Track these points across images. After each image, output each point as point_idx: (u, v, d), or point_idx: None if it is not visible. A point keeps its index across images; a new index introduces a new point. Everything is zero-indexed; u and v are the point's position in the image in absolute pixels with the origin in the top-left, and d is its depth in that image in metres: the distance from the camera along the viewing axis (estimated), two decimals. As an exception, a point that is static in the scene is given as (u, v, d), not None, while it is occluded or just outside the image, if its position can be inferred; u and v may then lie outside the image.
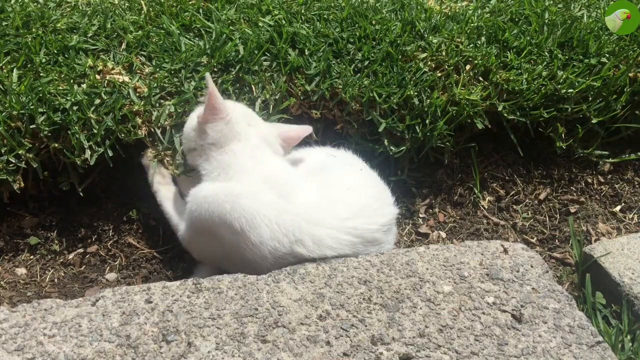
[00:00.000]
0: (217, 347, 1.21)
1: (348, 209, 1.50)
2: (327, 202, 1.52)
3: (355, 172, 1.66)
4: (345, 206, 1.51)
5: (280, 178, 1.55)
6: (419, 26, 2.06)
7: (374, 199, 1.58)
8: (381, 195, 1.62)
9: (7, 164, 1.59)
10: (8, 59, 1.76)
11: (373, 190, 1.62)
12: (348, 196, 1.55)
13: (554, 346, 1.26)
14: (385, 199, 1.62)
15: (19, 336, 1.20)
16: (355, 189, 1.58)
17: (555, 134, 2.00)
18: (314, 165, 1.68)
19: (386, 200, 1.62)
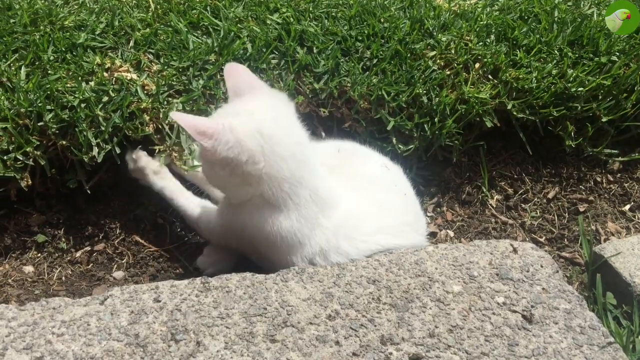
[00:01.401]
0: (226, 347, 1.20)
1: (380, 228, 1.53)
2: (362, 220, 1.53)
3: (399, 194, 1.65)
4: (378, 225, 1.53)
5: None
6: (428, 24, 2.05)
7: (409, 226, 1.59)
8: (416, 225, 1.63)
9: (15, 161, 1.58)
10: (16, 57, 1.75)
11: (408, 217, 1.61)
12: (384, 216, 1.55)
13: (565, 347, 1.26)
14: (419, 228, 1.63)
15: (27, 335, 1.20)
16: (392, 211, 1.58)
17: (565, 132, 1.99)
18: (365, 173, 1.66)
19: (420, 230, 1.63)
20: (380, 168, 1.67)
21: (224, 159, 1.36)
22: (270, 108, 1.45)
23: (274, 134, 1.39)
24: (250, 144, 1.37)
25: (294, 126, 1.48)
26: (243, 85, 1.48)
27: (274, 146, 1.39)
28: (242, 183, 1.42)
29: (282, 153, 1.40)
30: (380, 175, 1.66)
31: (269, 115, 1.43)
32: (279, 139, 1.40)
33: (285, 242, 1.45)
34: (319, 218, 1.46)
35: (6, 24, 1.86)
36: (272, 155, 1.39)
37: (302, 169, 1.44)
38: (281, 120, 1.45)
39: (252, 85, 1.49)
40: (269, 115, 1.43)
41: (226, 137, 1.34)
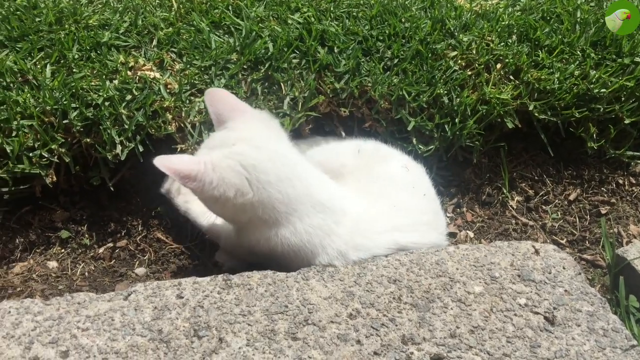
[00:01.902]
0: (248, 344, 1.21)
1: (395, 227, 1.52)
2: (375, 220, 1.52)
3: (417, 194, 1.64)
4: (393, 224, 1.53)
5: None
6: (449, 24, 2.05)
7: (427, 225, 1.58)
8: (435, 224, 1.62)
9: (40, 159, 1.61)
10: (42, 55, 1.78)
11: (426, 216, 1.60)
12: (399, 216, 1.55)
13: (587, 349, 1.25)
14: (438, 227, 1.63)
15: (53, 329, 1.22)
16: (408, 211, 1.57)
17: (587, 134, 1.97)
18: (384, 174, 1.65)
19: (439, 229, 1.62)
20: (400, 169, 1.66)
21: (212, 196, 1.38)
22: (252, 135, 1.46)
23: (257, 164, 1.40)
24: (234, 179, 1.38)
25: (278, 149, 1.48)
26: (225, 111, 1.50)
27: (260, 175, 1.40)
28: (238, 212, 1.44)
29: (268, 179, 1.40)
30: (400, 176, 1.65)
31: (251, 144, 1.43)
32: (263, 167, 1.40)
33: (299, 255, 1.45)
34: (330, 225, 1.46)
35: (32, 23, 1.89)
36: (259, 184, 1.40)
37: (295, 187, 1.44)
38: (263, 148, 1.44)
39: (234, 109, 1.50)
40: (250, 144, 1.43)
41: (209, 177, 1.36)
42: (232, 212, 1.44)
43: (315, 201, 1.46)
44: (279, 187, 1.41)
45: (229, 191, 1.38)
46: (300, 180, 1.46)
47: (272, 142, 1.48)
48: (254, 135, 1.46)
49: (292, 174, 1.45)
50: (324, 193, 1.50)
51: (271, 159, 1.43)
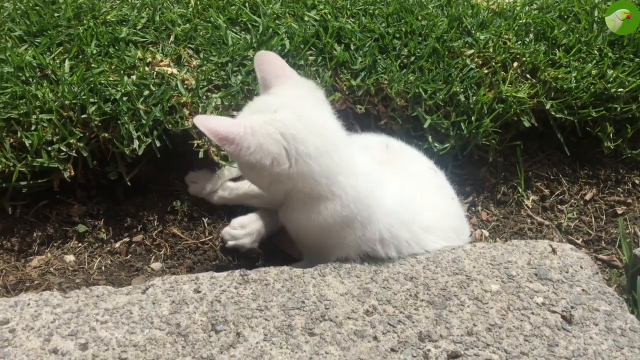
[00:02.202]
0: (265, 338, 1.22)
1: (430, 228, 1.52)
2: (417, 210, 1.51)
3: (447, 197, 1.65)
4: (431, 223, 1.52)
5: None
6: (466, 22, 2.04)
7: (455, 232, 1.58)
8: (461, 231, 1.62)
9: (59, 153, 1.62)
10: (60, 50, 1.79)
11: (454, 220, 1.60)
12: (436, 216, 1.55)
13: (605, 349, 1.24)
14: (463, 235, 1.62)
15: (72, 321, 1.23)
16: (442, 213, 1.57)
17: (603, 133, 1.97)
18: (414, 171, 1.63)
19: (463, 237, 1.62)
20: (428, 170, 1.66)
21: (249, 162, 1.34)
22: (295, 103, 1.40)
23: (297, 134, 1.34)
24: (271, 147, 1.33)
25: (320, 120, 1.42)
26: (271, 76, 1.44)
27: (299, 146, 1.34)
28: (274, 181, 1.40)
29: (308, 152, 1.35)
30: (430, 177, 1.65)
31: (292, 112, 1.37)
32: (302, 137, 1.34)
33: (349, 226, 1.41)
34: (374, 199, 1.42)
35: (50, 18, 1.90)
36: (298, 156, 1.34)
37: (333, 159, 1.38)
38: (306, 117, 1.38)
39: (280, 75, 1.45)
40: (292, 112, 1.37)
41: (247, 141, 1.31)
42: (267, 181, 1.40)
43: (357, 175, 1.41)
44: (319, 162, 1.36)
45: (265, 159, 1.32)
46: (340, 154, 1.39)
47: (315, 112, 1.42)
48: (297, 103, 1.40)
49: (332, 147, 1.39)
50: (367, 168, 1.45)
51: (312, 129, 1.37)
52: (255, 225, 1.71)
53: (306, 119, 1.37)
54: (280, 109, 1.38)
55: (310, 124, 1.38)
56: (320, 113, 1.44)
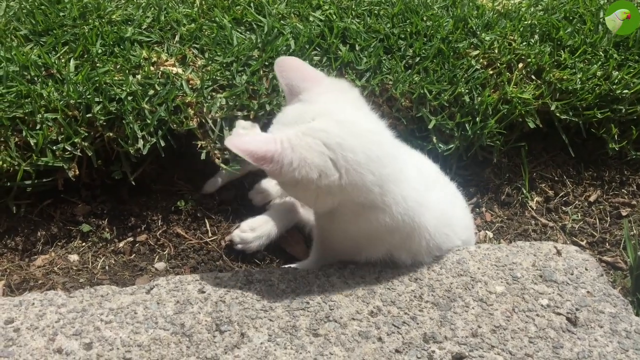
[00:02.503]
0: (270, 339, 1.22)
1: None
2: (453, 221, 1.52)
3: (463, 206, 1.66)
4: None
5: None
6: (471, 23, 2.04)
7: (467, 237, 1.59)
8: (470, 235, 1.63)
9: (64, 152, 1.62)
10: (66, 49, 1.79)
11: (468, 231, 1.62)
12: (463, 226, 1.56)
13: (610, 351, 1.24)
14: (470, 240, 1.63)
15: (76, 321, 1.23)
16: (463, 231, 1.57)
17: (608, 135, 1.96)
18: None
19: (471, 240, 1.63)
20: (442, 176, 1.65)
21: (292, 179, 1.23)
22: (332, 108, 1.29)
23: (342, 142, 1.23)
24: (316, 159, 1.22)
25: (363, 122, 1.31)
26: (297, 81, 1.34)
27: (347, 154, 1.23)
28: (322, 194, 1.27)
29: (357, 159, 1.24)
30: (445, 183, 1.63)
31: (332, 119, 1.26)
32: (349, 145, 1.24)
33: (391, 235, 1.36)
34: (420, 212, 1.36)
35: (56, 17, 1.90)
36: (348, 164, 1.24)
37: (385, 166, 1.29)
38: (347, 122, 1.27)
39: (307, 78, 1.34)
40: (332, 119, 1.26)
41: (288, 157, 1.20)
42: (314, 195, 1.27)
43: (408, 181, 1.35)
44: (370, 167, 1.25)
45: (311, 173, 1.21)
46: (390, 160, 1.31)
47: (356, 115, 1.31)
48: (335, 108, 1.29)
49: (382, 152, 1.29)
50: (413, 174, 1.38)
51: (358, 136, 1.26)
52: (265, 228, 1.70)
53: (349, 124, 1.27)
54: (317, 116, 1.27)
55: (354, 129, 1.27)
56: (362, 115, 1.34)
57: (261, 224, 1.70)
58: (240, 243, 1.69)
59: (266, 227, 1.70)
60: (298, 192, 1.31)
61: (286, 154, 1.20)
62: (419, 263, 1.43)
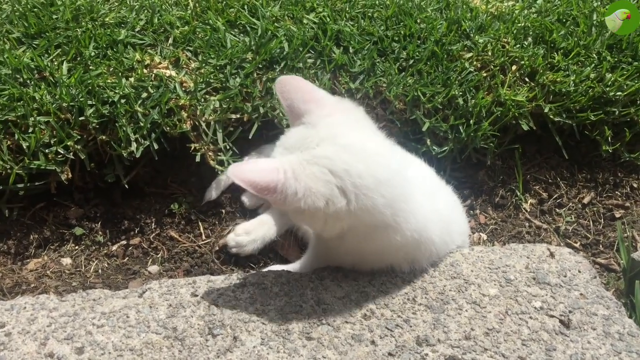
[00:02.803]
0: (263, 343, 1.21)
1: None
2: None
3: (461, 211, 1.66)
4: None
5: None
6: (465, 25, 2.04)
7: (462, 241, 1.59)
8: (465, 240, 1.63)
9: (56, 155, 1.61)
10: (59, 52, 1.79)
11: (464, 236, 1.62)
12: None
13: (603, 353, 1.24)
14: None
15: (68, 325, 1.22)
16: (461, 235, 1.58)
17: (602, 137, 1.96)
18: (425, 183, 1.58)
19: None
20: (439, 181, 1.64)
21: (298, 209, 1.19)
22: (337, 132, 1.25)
23: (349, 168, 1.20)
24: (322, 188, 1.18)
25: (369, 144, 1.27)
26: (299, 103, 1.29)
27: (355, 180, 1.20)
28: (330, 221, 1.24)
29: (367, 184, 1.21)
30: (443, 187, 1.63)
31: (337, 144, 1.22)
32: (356, 170, 1.20)
33: (400, 250, 1.36)
34: (429, 222, 1.37)
35: (49, 20, 1.90)
36: (357, 190, 1.20)
37: (395, 187, 1.26)
38: (353, 145, 1.23)
39: (310, 99, 1.29)
40: (336, 144, 1.22)
41: (292, 187, 1.16)
42: (322, 221, 1.24)
43: (415, 198, 1.33)
44: (380, 190, 1.22)
45: (318, 202, 1.18)
46: (399, 180, 1.29)
47: (362, 137, 1.27)
48: (339, 131, 1.24)
49: (391, 174, 1.26)
50: (415, 191, 1.35)
51: (364, 158, 1.23)
52: (260, 231, 1.70)
53: (355, 147, 1.23)
54: (321, 142, 1.23)
55: (360, 152, 1.23)
56: (367, 136, 1.29)
57: (256, 227, 1.70)
58: (234, 247, 1.68)
59: (261, 231, 1.69)
60: (305, 219, 1.28)
61: (290, 183, 1.16)
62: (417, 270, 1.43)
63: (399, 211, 1.26)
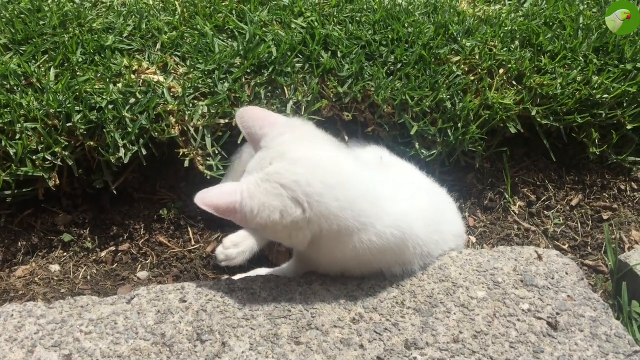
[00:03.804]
0: (251, 348, 1.21)
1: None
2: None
3: (452, 207, 1.68)
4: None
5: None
6: (452, 29, 2.05)
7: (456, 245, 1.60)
8: (461, 243, 1.64)
9: (43, 161, 1.61)
10: (45, 58, 1.78)
11: (459, 239, 1.63)
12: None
13: (590, 355, 1.25)
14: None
15: (55, 332, 1.22)
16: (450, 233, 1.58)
17: (589, 139, 1.98)
18: (415, 182, 1.62)
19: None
20: (427, 180, 1.66)
21: (259, 225, 1.28)
22: (287, 149, 1.33)
23: (297, 179, 1.27)
24: (275, 202, 1.26)
25: (318, 153, 1.34)
26: (256, 129, 1.39)
27: (305, 188, 1.26)
28: (294, 231, 1.30)
29: (317, 190, 1.27)
30: (431, 187, 1.65)
31: (286, 159, 1.31)
32: (305, 180, 1.27)
33: (383, 254, 1.37)
34: (407, 222, 1.38)
35: (36, 26, 1.89)
36: (308, 198, 1.26)
37: (353, 189, 1.32)
38: (301, 157, 1.31)
39: (264, 125, 1.39)
40: (286, 159, 1.31)
41: (248, 205, 1.26)
42: (286, 233, 1.30)
43: (387, 195, 1.37)
44: (333, 194, 1.28)
45: (272, 215, 1.26)
46: (354, 181, 1.34)
47: (310, 149, 1.35)
48: (289, 147, 1.33)
49: (342, 176, 1.33)
50: (384, 190, 1.40)
51: (312, 167, 1.30)
52: (247, 243, 1.70)
53: (303, 159, 1.31)
54: (273, 160, 1.32)
55: (308, 163, 1.31)
56: (317, 148, 1.36)
57: (243, 238, 1.70)
58: (224, 260, 1.68)
59: (248, 242, 1.69)
60: (270, 234, 1.36)
61: (246, 202, 1.27)
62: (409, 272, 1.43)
63: (361, 211, 1.30)
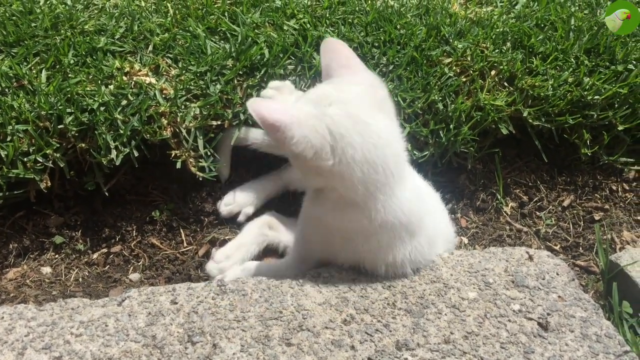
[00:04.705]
0: (242, 349, 1.21)
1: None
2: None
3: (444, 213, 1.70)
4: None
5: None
6: (444, 31, 2.06)
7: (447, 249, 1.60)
8: (451, 248, 1.65)
9: (35, 163, 1.60)
10: (37, 60, 1.78)
11: (449, 244, 1.64)
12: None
13: (580, 355, 1.25)
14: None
15: (46, 335, 1.22)
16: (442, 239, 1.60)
17: (581, 140, 1.98)
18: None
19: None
20: (425, 184, 1.66)
21: (292, 152, 1.27)
22: (352, 100, 1.31)
23: (346, 134, 1.27)
24: (315, 141, 1.26)
25: (375, 123, 1.31)
26: (334, 65, 1.38)
27: (346, 147, 1.27)
28: (313, 172, 1.33)
29: (354, 155, 1.28)
30: (430, 192, 1.65)
31: (346, 110, 1.29)
32: (350, 140, 1.27)
33: (373, 244, 1.39)
34: (406, 229, 1.39)
35: (27, 28, 1.89)
36: (343, 156, 1.28)
37: (380, 177, 1.31)
38: (360, 118, 1.29)
39: (344, 65, 1.38)
40: (345, 110, 1.29)
41: (292, 131, 1.24)
42: (307, 169, 1.33)
43: (398, 198, 1.36)
44: (362, 167, 1.28)
45: (307, 151, 1.25)
46: (386, 172, 1.32)
47: (371, 114, 1.32)
48: (354, 100, 1.31)
49: (381, 160, 1.30)
50: (411, 197, 1.39)
51: (362, 133, 1.29)
52: (239, 254, 1.69)
53: (360, 120, 1.29)
54: (335, 103, 1.30)
55: (362, 126, 1.29)
56: (379, 117, 1.33)
57: (234, 250, 1.69)
58: (217, 274, 1.66)
59: (239, 253, 1.69)
60: (295, 162, 1.37)
61: (292, 127, 1.24)
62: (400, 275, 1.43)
63: (371, 195, 1.32)
